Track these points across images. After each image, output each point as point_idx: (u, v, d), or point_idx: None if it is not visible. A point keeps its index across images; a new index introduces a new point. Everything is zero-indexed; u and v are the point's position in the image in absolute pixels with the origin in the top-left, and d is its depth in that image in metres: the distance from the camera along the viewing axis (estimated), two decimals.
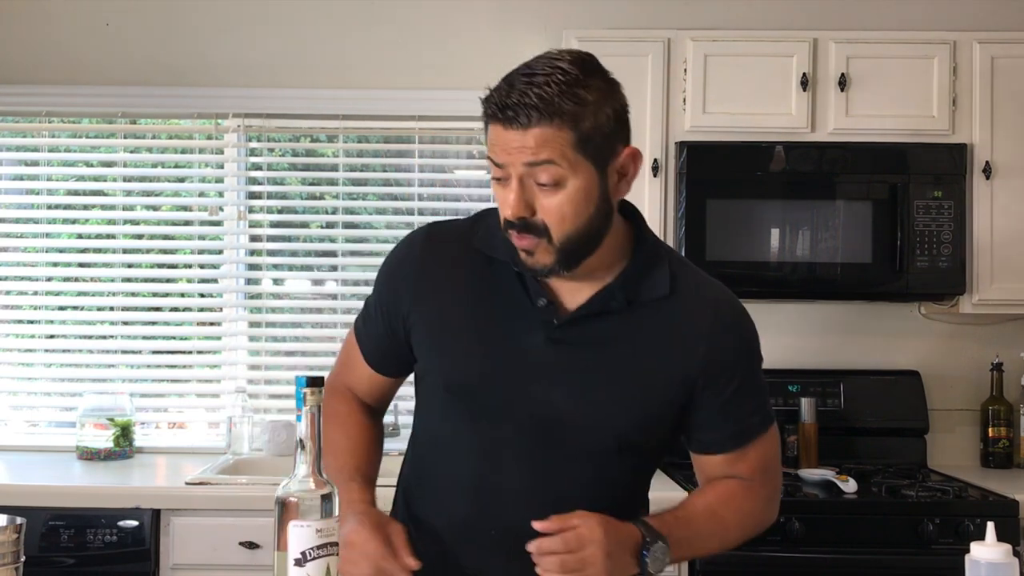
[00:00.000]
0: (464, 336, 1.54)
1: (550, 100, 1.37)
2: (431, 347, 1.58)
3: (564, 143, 1.38)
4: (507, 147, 1.39)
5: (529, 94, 1.37)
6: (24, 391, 3.46)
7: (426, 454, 1.64)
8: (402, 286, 1.59)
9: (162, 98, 3.38)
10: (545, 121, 1.37)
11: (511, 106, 1.38)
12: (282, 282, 3.51)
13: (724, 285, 1.60)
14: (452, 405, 1.56)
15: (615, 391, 1.50)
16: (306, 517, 1.26)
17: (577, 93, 1.39)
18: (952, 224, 2.97)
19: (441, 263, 1.57)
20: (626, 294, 1.50)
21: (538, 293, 1.50)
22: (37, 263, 3.44)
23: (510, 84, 1.41)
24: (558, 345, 1.50)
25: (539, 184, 1.40)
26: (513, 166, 1.40)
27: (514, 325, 1.51)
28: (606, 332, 1.50)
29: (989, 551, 1.31)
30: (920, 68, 3.01)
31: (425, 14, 3.35)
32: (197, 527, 2.71)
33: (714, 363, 1.51)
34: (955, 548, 1.94)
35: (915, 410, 3.23)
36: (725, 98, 3.01)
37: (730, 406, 1.54)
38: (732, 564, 2.63)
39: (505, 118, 1.38)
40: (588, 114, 1.39)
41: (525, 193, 1.40)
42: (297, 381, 1.30)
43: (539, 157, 1.38)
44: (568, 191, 1.40)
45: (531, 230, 1.42)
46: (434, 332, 1.57)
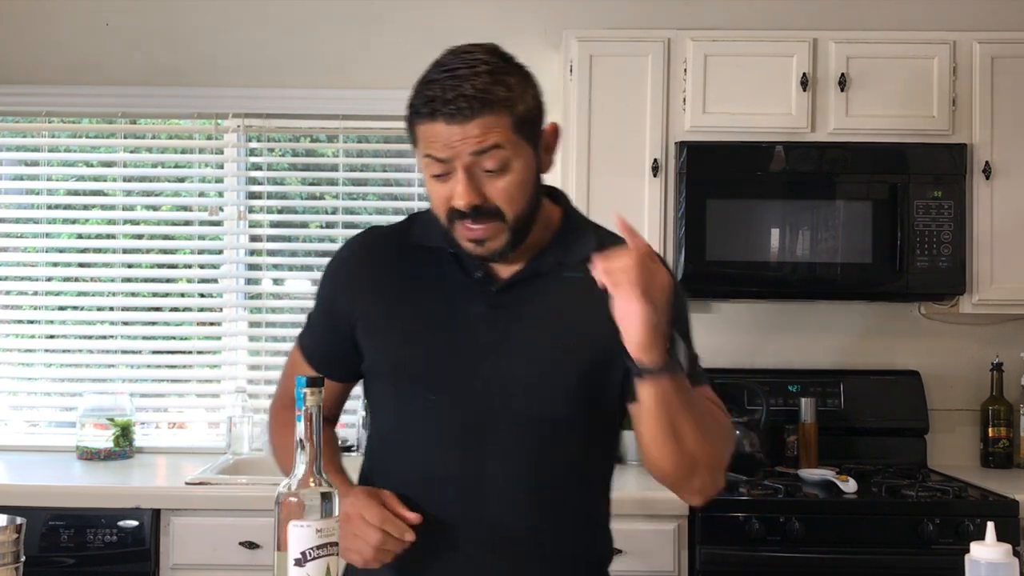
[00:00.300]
0: (407, 320, 1.59)
1: (486, 90, 1.44)
2: (376, 335, 1.62)
3: (505, 127, 1.46)
4: (449, 141, 1.44)
5: (464, 87, 1.43)
6: (24, 391, 3.46)
7: (380, 447, 1.67)
8: (344, 285, 1.66)
9: (162, 98, 3.38)
10: (487, 110, 1.44)
11: (451, 101, 1.43)
12: (282, 282, 3.51)
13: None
14: (401, 388, 1.60)
15: (558, 349, 1.54)
16: (306, 517, 1.26)
17: (506, 80, 1.47)
18: (952, 224, 2.97)
19: (380, 260, 1.65)
20: (556, 257, 1.58)
21: (475, 267, 1.57)
22: (37, 263, 3.44)
23: (437, 83, 1.46)
24: (497, 311, 1.55)
25: (486, 171, 1.46)
26: (459, 158, 1.45)
27: (454, 301, 1.57)
28: (541, 294, 1.57)
29: (989, 551, 1.31)
30: (920, 68, 3.01)
31: (425, 14, 3.35)
32: (197, 527, 2.71)
33: None
34: (955, 548, 1.93)
35: (915, 410, 3.23)
36: (725, 98, 3.01)
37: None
38: (732, 564, 2.64)
39: (447, 113, 1.43)
40: (519, 98, 1.48)
41: (473, 182, 1.46)
42: (296, 381, 1.30)
43: (486, 144, 1.44)
44: (514, 172, 1.48)
45: (484, 216, 1.48)
46: (378, 321, 1.61)
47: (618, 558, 1.70)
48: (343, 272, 1.68)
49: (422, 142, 1.49)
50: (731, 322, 3.35)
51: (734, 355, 3.30)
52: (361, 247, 1.70)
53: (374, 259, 1.66)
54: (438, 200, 1.50)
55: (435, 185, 1.50)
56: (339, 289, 1.67)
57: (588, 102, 3.01)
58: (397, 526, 1.47)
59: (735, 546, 2.64)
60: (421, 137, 1.49)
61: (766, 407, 3.08)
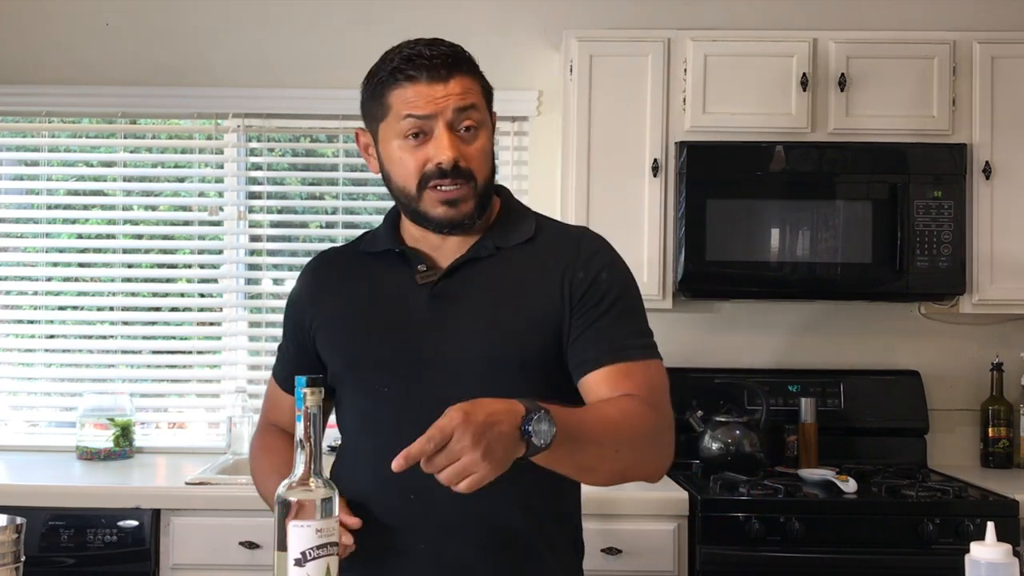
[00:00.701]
0: (356, 320, 1.64)
1: (460, 53, 1.55)
2: (330, 340, 1.66)
3: (478, 92, 1.56)
4: (432, 98, 1.51)
5: (440, 49, 1.53)
6: (24, 391, 3.46)
7: (344, 448, 1.69)
8: (302, 307, 1.71)
9: (162, 98, 3.38)
10: (465, 69, 1.54)
11: (434, 57, 1.52)
12: (282, 282, 3.51)
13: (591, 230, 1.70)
14: (355, 385, 1.63)
15: (501, 329, 1.56)
16: (306, 517, 1.26)
17: (469, 55, 1.58)
18: (952, 224, 2.97)
19: (331, 274, 1.71)
20: (494, 241, 1.61)
21: (418, 261, 1.61)
22: (37, 263, 3.44)
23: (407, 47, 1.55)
24: (437, 299, 1.59)
25: (462, 131, 1.53)
26: (442, 114, 1.51)
27: (399, 296, 1.61)
28: (479, 276, 1.59)
29: (989, 551, 1.31)
30: (920, 68, 3.01)
31: (425, 14, 3.35)
32: (197, 527, 2.71)
33: (580, 284, 1.57)
34: (955, 548, 1.94)
35: (915, 410, 3.23)
36: (725, 98, 3.01)
37: (602, 325, 1.55)
38: (732, 564, 2.64)
39: (431, 69, 1.51)
40: (481, 73, 1.59)
41: (454, 138, 1.52)
42: (296, 381, 1.31)
43: (467, 101, 1.53)
44: (484, 136, 1.57)
45: (461, 175, 1.53)
46: (331, 327, 1.66)
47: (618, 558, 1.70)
48: (299, 297, 1.74)
49: (397, 106, 1.54)
50: (731, 322, 3.35)
51: (734, 355, 3.30)
52: (313, 269, 1.75)
53: (326, 274, 1.72)
54: (411, 167, 1.54)
55: (407, 153, 1.54)
56: (298, 310, 1.73)
57: (588, 102, 3.01)
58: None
59: (735, 546, 2.64)
60: (396, 101, 1.54)
61: (766, 407, 3.08)
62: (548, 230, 1.66)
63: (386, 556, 1.55)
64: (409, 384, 1.56)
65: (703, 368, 3.22)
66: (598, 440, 1.41)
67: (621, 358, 1.53)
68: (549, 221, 1.70)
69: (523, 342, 1.55)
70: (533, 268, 1.58)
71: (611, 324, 1.55)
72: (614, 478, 1.49)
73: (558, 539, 1.62)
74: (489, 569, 1.55)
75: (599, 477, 1.48)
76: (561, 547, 1.62)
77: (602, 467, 1.44)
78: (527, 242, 1.62)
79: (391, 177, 1.59)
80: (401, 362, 1.58)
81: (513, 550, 1.56)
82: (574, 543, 1.66)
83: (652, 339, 1.60)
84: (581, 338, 1.55)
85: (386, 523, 1.55)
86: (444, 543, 1.54)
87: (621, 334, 1.55)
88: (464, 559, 1.54)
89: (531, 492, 1.53)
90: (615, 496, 1.71)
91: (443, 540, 1.54)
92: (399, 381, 1.57)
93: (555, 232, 1.66)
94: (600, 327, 1.55)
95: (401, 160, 1.55)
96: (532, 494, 1.54)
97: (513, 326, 1.56)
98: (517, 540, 1.56)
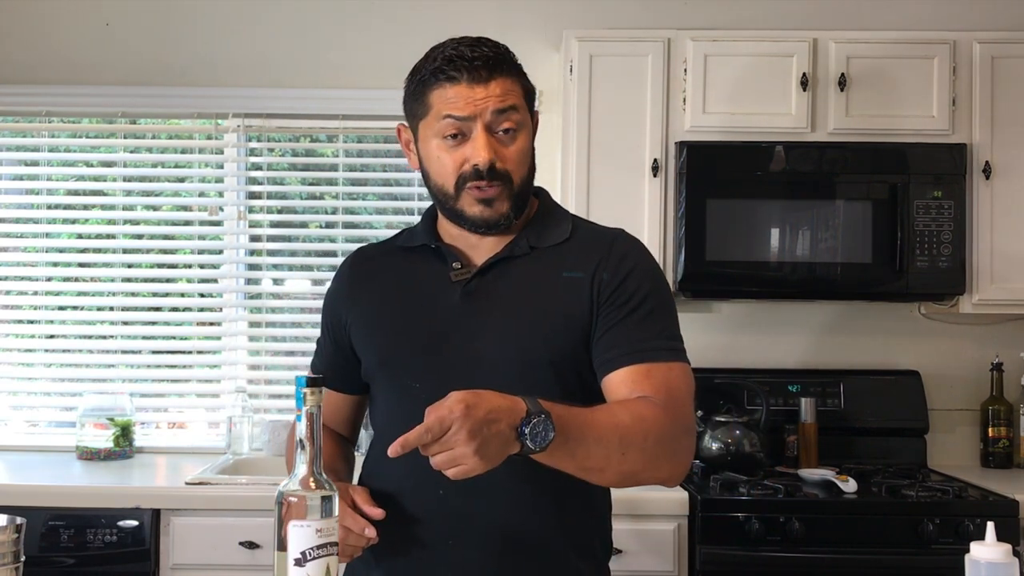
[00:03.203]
0: (391, 317, 1.65)
1: (503, 54, 1.56)
2: (364, 336, 1.67)
3: (519, 93, 1.57)
4: (472, 100, 1.52)
5: (482, 49, 1.53)
6: (24, 391, 3.46)
7: (376, 444, 1.69)
8: (338, 302, 1.73)
9: (162, 98, 3.38)
10: (506, 71, 1.54)
11: (474, 58, 1.51)
12: (282, 282, 3.51)
13: (626, 231, 1.70)
14: (389, 382, 1.64)
15: (532, 327, 1.56)
16: (306, 517, 1.26)
17: (512, 56, 1.58)
18: (952, 224, 2.97)
19: (368, 273, 1.72)
20: (529, 241, 1.62)
21: (453, 258, 1.63)
22: (37, 263, 3.44)
23: (450, 47, 1.54)
24: (470, 296, 1.59)
25: (501, 133, 1.54)
26: (481, 116, 1.52)
27: (433, 292, 1.62)
28: (513, 275, 1.60)
29: (989, 551, 1.31)
30: (920, 68, 3.01)
31: (425, 14, 3.35)
32: (197, 527, 2.71)
33: (608, 284, 1.57)
34: (955, 548, 1.94)
35: (915, 410, 3.23)
36: (725, 98, 3.01)
37: (627, 325, 1.55)
38: (732, 564, 2.64)
39: (472, 70, 1.51)
40: (524, 73, 1.59)
41: (492, 140, 1.53)
42: (297, 381, 1.30)
43: (506, 103, 1.53)
44: (523, 138, 1.57)
45: (497, 177, 1.54)
46: (367, 323, 1.67)
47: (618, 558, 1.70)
48: (337, 294, 1.75)
49: (437, 105, 1.54)
50: (731, 322, 3.35)
51: (734, 355, 3.30)
52: (350, 266, 1.76)
53: (362, 272, 1.73)
54: (450, 165, 1.55)
55: (446, 152, 1.55)
56: (334, 307, 1.74)
57: (588, 102, 3.01)
58: (358, 523, 1.47)
59: (735, 546, 2.64)
60: (436, 101, 1.54)
61: (766, 407, 3.08)
62: (583, 231, 1.66)
63: (414, 549, 1.57)
64: (440, 381, 1.52)
65: (703, 368, 3.20)
66: (604, 442, 1.41)
67: (642, 359, 1.53)
68: (586, 223, 1.71)
69: (553, 341, 1.56)
70: (565, 268, 1.59)
71: (636, 325, 1.55)
72: (623, 480, 1.49)
73: (586, 540, 1.63)
74: (515, 567, 1.55)
75: (605, 478, 1.48)
76: (589, 548, 1.63)
77: (608, 469, 1.43)
78: (562, 243, 1.63)
79: (429, 175, 1.60)
80: (432, 359, 1.58)
81: (540, 549, 1.56)
82: (603, 544, 1.67)
83: (679, 342, 1.60)
84: (604, 337, 1.56)
85: (416, 517, 1.56)
86: (472, 539, 1.55)
87: (645, 335, 1.55)
88: (490, 555, 1.55)
89: (562, 493, 1.55)
90: (615, 496, 1.70)
91: (471, 536, 1.55)
92: (430, 378, 1.56)
93: (590, 233, 1.66)
94: (624, 327, 1.55)
95: (439, 159, 1.56)
96: (563, 495, 1.55)
97: (543, 325, 1.56)
98: (544, 540, 1.57)
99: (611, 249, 1.60)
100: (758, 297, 3.23)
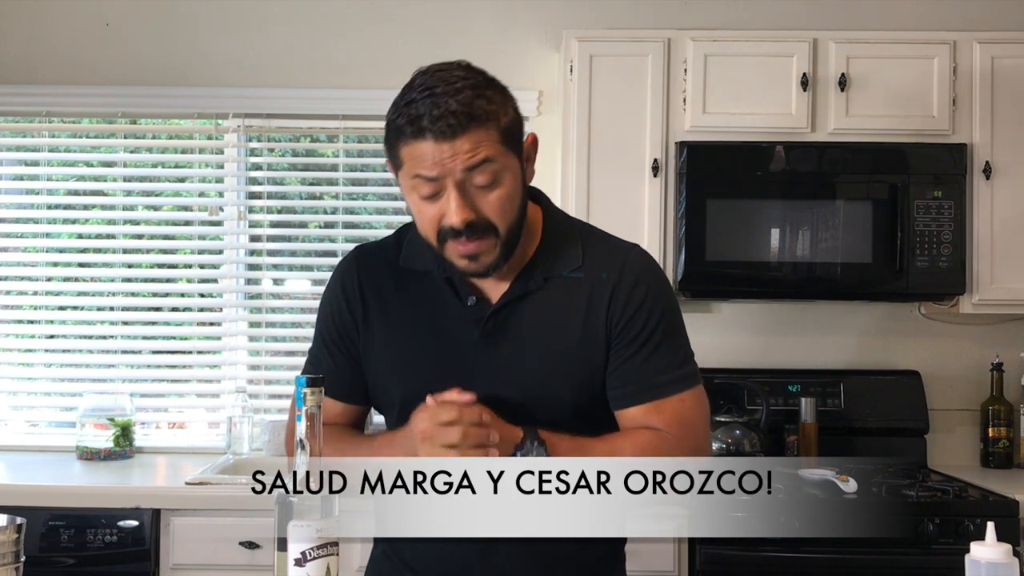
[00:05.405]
0: (406, 351, 1.59)
1: (471, 104, 1.42)
2: (377, 368, 1.63)
3: (493, 140, 1.44)
4: (439, 159, 1.42)
5: (450, 104, 1.41)
6: (24, 391, 3.46)
7: None
8: (346, 321, 1.64)
9: (162, 98, 3.38)
10: (474, 123, 1.42)
11: (439, 117, 1.41)
12: (282, 282, 3.51)
13: (638, 248, 1.64)
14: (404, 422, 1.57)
15: (551, 365, 1.55)
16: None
17: (486, 93, 1.45)
18: (952, 224, 2.97)
19: (375, 289, 1.63)
20: (542, 271, 1.58)
21: (467, 293, 1.57)
22: (37, 263, 3.44)
23: (418, 102, 1.43)
24: (490, 338, 1.56)
25: (477, 186, 1.45)
26: (451, 175, 1.43)
27: (452, 331, 1.57)
28: (530, 313, 1.57)
29: (989, 551, 1.31)
30: (920, 68, 3.01)
31: (425, 14, 3.35)
32: (197, 527, 2.71)
33: (618, 319, 1.56)
34: (955, 548, 1.93)
35: (915, 410, 3.23)
36: (725, 98, 3.01)
37: (636, 361, 1.55)
38: (732, 564, 2.64)
39: (436, 130, 1.41)
40: (502, 110, 1.47)
41: (466, 198, 1.45)
42: (297, 381, 1.30)
43: (477, 158, 1.43)
44: (504, 185, 1.47)
45: (478, 231, 1.47)
46: (379, 352, 1.62)
47: None
48: (341, 306, 1.65)
49: (408, 163, 1.46)
50: (731, 322, 3.35)
51: (734, 355, 3.30)
52: (356, 275, 1.66)
53: (370, 289, 1.64)
54: (427, 221, 1.48)
55: (423, 206, 1.48)
56: (342, 322, 1.65)
57: (588, 102, 3.01)
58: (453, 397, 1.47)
59: (735, 546, 2.64)
60: (407, 158, 1.45)
61: (766, 407, 3.08)
62: (594, 253, 1.60)
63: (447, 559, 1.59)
64: None
65: (703, 368, 3.16)
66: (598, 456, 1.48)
67: (651, 397, 1.55)
68: (594, 239, 1.64)
69: (573, 380, 1.56)
70: (580, 299, 1.56)
71: (645, 360, 1.55)
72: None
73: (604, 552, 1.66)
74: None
75: None
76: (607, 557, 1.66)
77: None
78: (575, 270, 1.58)
79: (415, 221, 1.54)
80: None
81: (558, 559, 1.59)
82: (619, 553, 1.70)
83: (688, 366, 1.60)
84: (616, 373, 1.56)
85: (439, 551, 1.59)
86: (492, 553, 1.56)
87: (653, 370, 1.56)
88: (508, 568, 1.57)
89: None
90: None
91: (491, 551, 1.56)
92: None
93: (601, 255, 1.60)
94: (634, 363, 1.55)
95: (419, 212, 1.50)
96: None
97: (562, 362, 1.55)
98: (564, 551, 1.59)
99: (621, 276, 1.57)
100: (758, 297, 3.23)
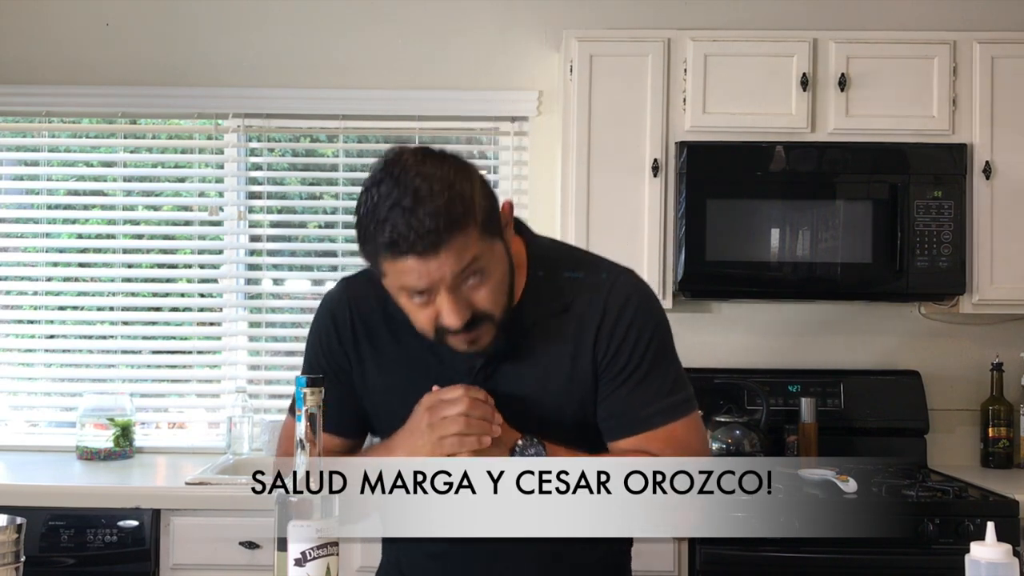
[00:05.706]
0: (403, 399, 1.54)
1: (447, 212, 1.37)
2: (375, 414, 1.63)
3: (475, 239, 1.40)
4: (426, 273, 1.39)
5: (424, 222, 1.36)
6: (24, 391, 3.46)
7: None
8: (336, 348, 1.63)
9: (162, 98, 3.38)
10: (455, 231, 1.37)
11: (419, 237, 1.36)
12: (282, 282, 3.51)
13: (624, 275, 1.61)
14: None
15: (547, 400, 1.55)
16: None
17: (456, 191, 1.39)
18: (952, 224, 2.97)
19: (366, 327, 1.61)
20: (531, 317, 1.55)
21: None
22: (37, 263, 3.44)
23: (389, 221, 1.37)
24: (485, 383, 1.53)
25: (468, 285, 1.43)
26: (442, 283, 1.40)
27: (444, 377, 1.53)
28: (520, 354, 1.55)
29: (989, 551, 1.31)
30: (920, 68, 3.01)
31: (425, 14, 3.35)
32: (197, 527, 2.71)
33: (605, 352, 1.55)
34: (955, 548, 1.93)
35: (915, 410, 3.23)
36: (725, 98, 3.01)
37: (622, 394, 1.55)
38: (732, 564, 2.64)
39: (418, 251, 1.37)
40: (473, 202, 1.41)
41: (459, 300, 1.42)
42: (297, 381, 1.30)
43: (464, 264, 1.40)
44: (495, 274, 1.45)
45: (476, 324, 1.45)
46: (375, 398, 1.62)
47: None
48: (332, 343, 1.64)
49: (392, 275, 1.42)
50: (731, 322, 3.35)
51: (734, 355, 3.30)
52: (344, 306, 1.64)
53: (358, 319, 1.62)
54: (424, 321, 1.46)
55: (415, 310, 1.45)
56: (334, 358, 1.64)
57: (588, 102, 3.01)
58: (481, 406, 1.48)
59: (735, 546, 2.64)
60: (389, 271, 1.42)
61: (766, 407, 3.08)
62: (580, 287, 1.58)
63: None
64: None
65: (703, 368, 3.22)
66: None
67: (641, 428, 1.55)
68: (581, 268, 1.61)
69: (567, 408, 1.56)
70: (568, 336, 1.55)
71: (631, 392, 1.54)
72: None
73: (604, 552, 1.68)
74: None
75: None
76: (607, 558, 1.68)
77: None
78: (561, 311, 1.56)
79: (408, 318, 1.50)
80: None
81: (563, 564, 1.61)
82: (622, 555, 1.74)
83: (678, 395, 1.57)
84: (603, 405, 1.56)
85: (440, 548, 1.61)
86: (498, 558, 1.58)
87: (639, 402, 1.54)
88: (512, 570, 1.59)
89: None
90: None
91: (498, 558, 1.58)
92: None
93: (587, 288, 1.57)
94: (620, 396, 1.55)
95: (411, 313, 1.47)
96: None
97: (556, 396, 1.56)
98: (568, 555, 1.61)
99: (605, 311, 1.54)
100: (758, 297, 3.23)
